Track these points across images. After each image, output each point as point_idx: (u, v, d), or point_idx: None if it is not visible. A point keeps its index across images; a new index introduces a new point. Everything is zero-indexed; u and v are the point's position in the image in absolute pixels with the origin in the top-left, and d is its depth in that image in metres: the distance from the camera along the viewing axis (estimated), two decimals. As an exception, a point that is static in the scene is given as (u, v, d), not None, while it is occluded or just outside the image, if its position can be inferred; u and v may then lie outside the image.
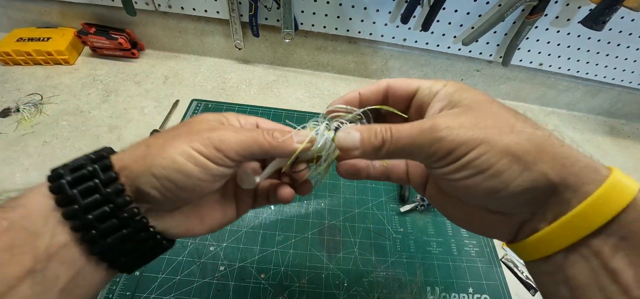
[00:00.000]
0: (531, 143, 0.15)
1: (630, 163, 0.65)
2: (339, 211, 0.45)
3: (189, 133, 0.18)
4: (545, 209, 0.16)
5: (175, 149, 0.17)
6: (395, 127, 0.18)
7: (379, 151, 0.18)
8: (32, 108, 0.51)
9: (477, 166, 0.16)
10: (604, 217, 0.14)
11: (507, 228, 0.18)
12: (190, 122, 0.20)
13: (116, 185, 0.17)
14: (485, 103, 0.17)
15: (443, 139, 0.16)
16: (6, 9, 0.59)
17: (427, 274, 0.41)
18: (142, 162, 0.17)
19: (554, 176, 0.15)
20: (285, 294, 0.37)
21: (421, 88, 0.20)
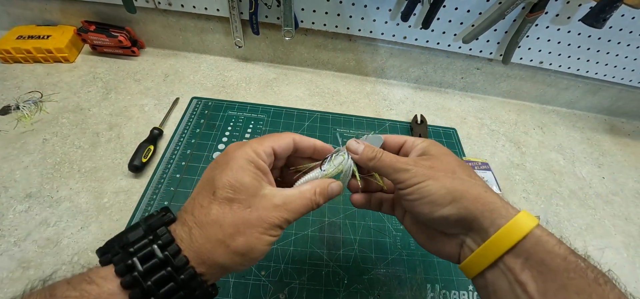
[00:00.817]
0: (462, 186, 0.23)
1: (630, 161, 0.65)
2: (339, 209, 0.45)
3: (261, 221, 0.21)
4: (473, 234, 0.23)
5: (260, 243, 0.21)
6: (385, 152, 0.26)
7: (370, 161, 0.26)
8: (32, 106, 0.51)
9: (422, 193, 0.23)
10: (511, 241, 0.20)
11: (453, 249, 0.24)
12: (249, 202, 0.21)
13: (203, 286, 0.20)
14: (444, 155, 0.25)
15: (407, 171, 0.24)
16: (6, 7, 0.59)
17: (427, 272, 0.41)
18: (229, 260, 0.20)
19: (473, 209, 0.22)
20: (285, 292, 0.37)
21: (407, 141, 0.29)
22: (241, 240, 0.20)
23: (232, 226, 0.20)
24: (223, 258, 0.20)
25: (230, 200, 0.20)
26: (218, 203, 0.20)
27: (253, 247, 0.20)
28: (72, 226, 0.40)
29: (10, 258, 0.37)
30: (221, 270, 0.20)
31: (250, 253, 0.20)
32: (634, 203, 0.57)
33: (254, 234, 0.20)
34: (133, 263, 0.17)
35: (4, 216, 0.40)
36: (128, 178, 0.45)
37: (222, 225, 0.20)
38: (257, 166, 0.22)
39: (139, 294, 0.17)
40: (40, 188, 0.43)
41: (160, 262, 0.18)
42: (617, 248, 0.50)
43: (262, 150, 0.23)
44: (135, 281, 0.17)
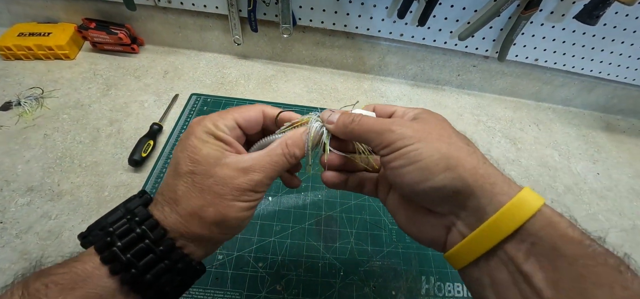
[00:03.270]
0: (458, 153, 0.19)
1: (625, 157, 0.66)
2: (336, 203, 0.46)
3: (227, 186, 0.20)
4: (466, 213, 0.19)
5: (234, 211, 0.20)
6: (365, 115, 0.23)
7: (347, 127, 0.23)
8: (33, 102, 0.51)
9: (411, 158, 0.19)
10: (515, 223, 0.17)
11: (438, 232, 0.21)
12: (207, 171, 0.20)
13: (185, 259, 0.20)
14: (438, 121, 0.22)
15: (393, 132, 0.20)
16: (8, 4, 0.60)
17: (422, 264, 0.42)
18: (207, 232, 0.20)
19: (471, 181, 0.18)
20: (282, 283, 0.38)
21: (397, 110, 0.25)
22: (211, 210, 0.20)
23: (199, 198, 0.20)
24: (200, 229, 0.20)
25: (191, 172, 0.20)
26: (181, 178, 0.20)
27: (226, 215, 0.20)
28: (73, 219, 0.41)
29: (13, 249, 0.37)
30: (204, 243, 0.21)
31: (225, 221, 0.20)
32: (628, 198, 0.58)
33: (224, 202, 0.20)
34: (112, 240, 0.18)
35: (6, 209, 0.40)
36: (128, 173, 0.46)
37: (189, 198, 0.20)
38: (216, 137, 0.21)
39: (119, 267, 0.18)
40: (42, 182, 0.43)
41: (138, 236, 0.18)
42: (611, 243, 0.51)
43: (221, 123, 0.22)
44: (114, 255, 0.18)
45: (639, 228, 0.54)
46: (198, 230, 0.20)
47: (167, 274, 0.19)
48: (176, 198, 0.20)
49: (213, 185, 0.20)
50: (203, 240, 0.20)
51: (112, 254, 0.18)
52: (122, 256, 0.18)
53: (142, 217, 0.19)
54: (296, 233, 0.42)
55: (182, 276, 0.20)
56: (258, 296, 0.37)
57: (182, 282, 0.20)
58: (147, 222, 0.19)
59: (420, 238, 0.23)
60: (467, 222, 0.19)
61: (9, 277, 0.35)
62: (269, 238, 0.41)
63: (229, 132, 0.22)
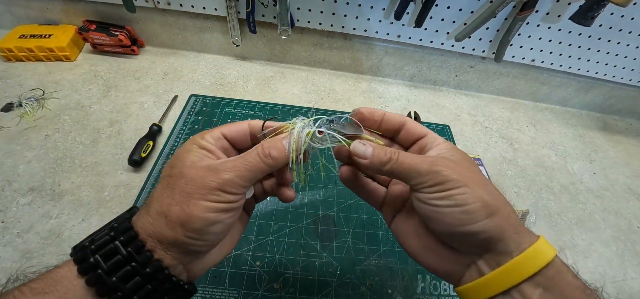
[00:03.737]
0: (496, 202, 0.20)
1: (622, 157, 0.66)
2: (333, 202, 0.47)
3: (196, 186, 0.19)
4: (490, 256, 0.20)
5: (198, 210, 0.19)
6: (402, 152, 0.22)
7: (383, 167, 0.22)
8: (34, 103, 0.52)
9: (458, 201, 0.20)
10: (535, 267, 0.19)
11: (457, 266, 0.22)
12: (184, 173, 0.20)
13: (155, 263, 0.19)
14: (470, 164, 0.22)
15: (439, 173, 0.20)
16: (9, 6, 0.61)
17: (418, 263, 0.42)
18: (173, 234, 0.19)
19: (505, 229, 0.20)
20: (279, 281, 0.39)
21: (428, 136, 0.24)
22: (176, 209, 0.19)
23: (169, 197, 0.20)
24: (166, 231, 0.19)
25: (168, 175, 0.21)
26: (159, 183, 0.21)
27: (190, 214, 0.19)
28: (74, 218, 0.41)
29: (14, 249, 0.38)
30: (174, 248, 0.20)
31: (190, 221, 0.19)
32: (624, 198, 0.58)
33: (189, 201, 0.19)
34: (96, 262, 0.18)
35: (8, 209, 0.41)
36: (128, 173, 0.47)
37: (160, 199, 0.20)
38: (200, 146, 0.21)
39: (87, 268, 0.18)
40: (43, 182, 0.44)
41: (110, 238, 0.18)
42: (607, 242, 0.51)
43: (208, 135, 0.22)
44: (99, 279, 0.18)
45: (635, 228, 0.54)
46: (164, 230, 0.19)
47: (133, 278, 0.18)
48: (151, 201, 0.20)
49: (183, 185, 0.20)
50: (172, 244, 0.20)
51: (83, 256, 0.18)
52: (90, 257, 0.18)
53: (120, 222, 0.19)
54: (294, 232, 0.43)
55: (153, 285, 0.19)
56: (255, 294, 0.37)
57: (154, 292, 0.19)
58: (121, 226, 0.19)
59: (436, 269, 0.23)
60: (489, 263, 0.20)
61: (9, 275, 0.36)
62: (267, 237, 0.42)
63: (213, 142, 0.22)
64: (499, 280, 0.20)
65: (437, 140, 0.24)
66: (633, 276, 0.47)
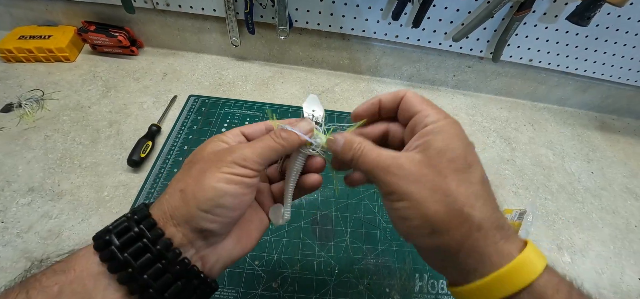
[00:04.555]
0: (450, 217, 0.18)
1: (620, 157, 0.67)
2: (331, 202, 0.47)
3: (212, 163, 0.20)
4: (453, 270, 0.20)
5: (211, 180, 0.19)
6: (368, 146, 0.21)
7: (351, 162, 0.22)
8: (33, 104, 0.52)
9: (402, 214, 0.19)
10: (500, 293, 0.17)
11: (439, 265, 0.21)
12: (204, 156, 0.21)
13: (164, 240, 0.18)
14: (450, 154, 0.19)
15: (389, 183, 0.20)
16: (9, 8, 0.61)
17: (415, 262, 0.43)
18: (186, 207, 0.19)
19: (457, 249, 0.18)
20: (278, 280, 0.39)
21: (419, 115, 0.21)
22: (191, 182, 0.20)
23: (187, 176, 0.20)
24: (179, 204, 0.19)
25: (189, 162, 0.22)
26: (181, 169, 0.22)
27: (203, 184, 0.19)
28: (73, 218, 0.41)
29: (14, 248, 0.38)
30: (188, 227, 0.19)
31: (202, 191, 0.19)
32: (621, 197, 0.59)
33: (203, 173, 0.20)
34: (110, 239, 0.18)
35: (8, 209, 0.41)
36: (127, 173, 0.47)
37: (178, 180, 0.21)
38: (219, 140, 0.23)
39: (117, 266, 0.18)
40: (43, 183, 0.44)
41: (136, 235, 0.18)
42: (604, 241, 0.51)
43: (229, 132, 0.24)
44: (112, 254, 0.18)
45: (632, 227, 0.54)
46: (178, 204, 0.19)
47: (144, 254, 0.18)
48: (171, 184, 0.21)
49: (200, 164, 0.21)
50: (185, 219, 0.19)
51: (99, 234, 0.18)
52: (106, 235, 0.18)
53: (141, 215, 0.19)
54: (292, 231, 0.43)
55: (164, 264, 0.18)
56: (254, 294, 0.37)
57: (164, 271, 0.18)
58: (138, 208, 0.20)
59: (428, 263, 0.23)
60: (455, 277, 0.20)
61: (10, 275, 0.36)
62: (265, 236, 0.42)
63: (232, 138, 0.23)
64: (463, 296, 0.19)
65: (426, 120, 0.21)
66: (630, 275, 0.48)
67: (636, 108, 0.75)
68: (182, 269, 0.19)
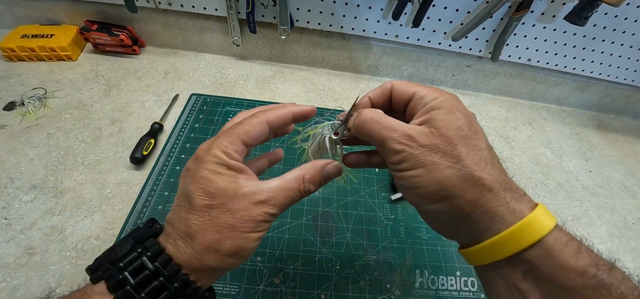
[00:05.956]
0: (461, 183, 0.18)
1: (617, 155, 0.67)
2: (333, 199, 0.47)
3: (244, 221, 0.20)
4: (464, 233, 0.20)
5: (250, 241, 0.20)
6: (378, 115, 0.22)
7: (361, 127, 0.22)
8: (36, 102, 0.53)
9: (414, 183, 0.20)
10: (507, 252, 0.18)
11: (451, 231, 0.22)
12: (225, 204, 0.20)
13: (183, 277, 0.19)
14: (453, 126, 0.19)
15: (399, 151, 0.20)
16: (11, 7, 0.61)
17: (416, 258, 0.43)
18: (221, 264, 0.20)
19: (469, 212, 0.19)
20: (280, 276, 0.39)
21: (414, 97, 0.22)
22: (228, 244, 0.19)
23: (217, 232, 0.19)
24: (215, 262, 0.19)
25: (208, 207, 0.19)
26: (196, 213, 0.19)
27: (242, 247, 0.20)
28: (76, 215, 0.42)
29: (17, 245, 0.38)
30: (215, 273, 0.20)
31: (241, 252, 0.20)
32: (619, 195, 0.59)
33: (240, 235, 0.19)
34: (124, 278, 0.17)
35: (11, 205, 0.41)
36: (129, 170, 0.47)
37: (205, 233, 0.19)
38: (229, 167, 0.20)
39: (116, 285, 0.17)
40: (45, 180, 0.44)
41: (152, 273, 0.18)
42: (602, 238, 0.52)
43: (232, 149, 0.21)
44: (128, 295, 0.17)
45: (630, 224, 0.55)
46: (213, 264, 0.19)
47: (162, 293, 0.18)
48: (190, 232, 0.19)
49: (230, 219, 0.19)
50: (216, 271, 0.20)
51: (126, 294, 0.17)
52: (136, 296, 0.17)
53: (155, 252, 0.19)
54: (293, 228, 0.43)
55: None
56: (256, 289, 0.38)
57: None
58: (160, 258, 0.18)
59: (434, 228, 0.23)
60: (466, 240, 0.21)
61: (13, 271, 0.36)
62: (267, 233, 0.42)
63: (240, 158, 0.21)
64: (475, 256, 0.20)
65: (426, 98, 0.21)
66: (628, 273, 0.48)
67: (634, 108, 0.75)
68: None
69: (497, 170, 0.19)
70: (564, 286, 0.17)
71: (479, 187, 0.18)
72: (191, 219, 0.19)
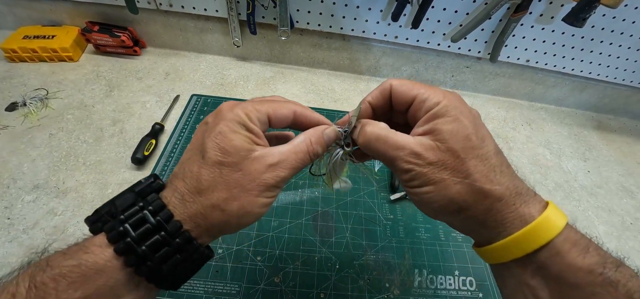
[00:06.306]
0: (471, 197, 0.19)
1: (616, 156, 0.68)
2: (332, 199, 0.48)
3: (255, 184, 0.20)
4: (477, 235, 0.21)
5: (257, 206, 0.20)
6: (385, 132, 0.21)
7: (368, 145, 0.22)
8: (38, 103, 0.53)
9: (427, 199, 0.20)
10: (515, 253, 0.19)
11: None
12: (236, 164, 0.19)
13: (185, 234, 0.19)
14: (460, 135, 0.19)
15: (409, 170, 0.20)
16: (13, 8, 0.62)
17: (415, 258, 0.43)
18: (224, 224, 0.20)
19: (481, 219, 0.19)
20: (280, 275, 0.40)
21: (416, 101, 0.21)
22: (235, 204, 0.19)
23: (225, 190, 0.19)
24: (218, 220, 0.19)
25: (220, 163, 0.19)
26: (208, 167, 0.19)
27: (248, 211, 0.20)
28: (78, 215, 0.42)
29: (20, 244, 0.39)
30: (216, 232, 0.20)
31: (246, 216, 0.20)
32: (617, 195, 0.60)
33: (248, 198, 0.19)
34: (125, 230, 0.17)
35: (13, 205, 0.42)
36: (131, 171, 0.47)
37: (214, 190, 0.19)
38: (248, 129, 0.20)
39: (134, 260, 0.17)
40: (47, 180, 0.45)
41: (153, 227, 0.18)
42: (600, 238, 0.52)
43: (255, 115, 0.21)
44: (129, 247, 0.17)
45: (628, 224, 0.55)
46: (217, 222, 0.19)
47: (182, 264, 0.19)
48: (200, 188, 0.19)
49: (240, 179, 0.19)
50: (218, 230, 0.20)
51: (127, 246, 0.17)
52: (137, 248, 0.17)
53: (157, 207, 0.18)
54: (293, 228, 0.44)
55: (194, 265, 0.20)
56: (256, 288, 0.38)
57: (193, 269, 0.20)
58: (162, 213, 0.18)
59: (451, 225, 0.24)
60: (479, 240, 0.22)
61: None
62: (268, 232, 0.43)
63: (260, 126, 0.21)
64: (488, 255, 0.21)
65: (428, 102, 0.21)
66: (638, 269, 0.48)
67: (632, 108, 0.76)
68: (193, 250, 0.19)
69: (507, 176, 0.20)
70: (571, 284, 0.17)
71: (489, 198, 0.19)
72: (202, 174, 0.19)
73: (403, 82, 0.22)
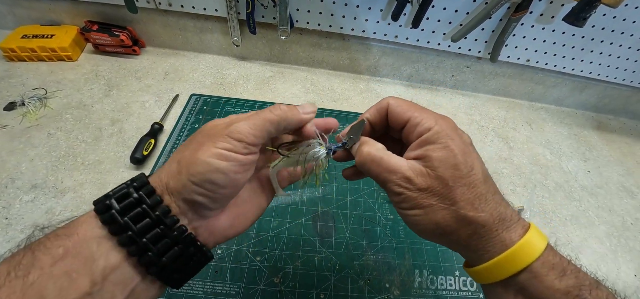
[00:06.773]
0: (456, 224, 0.20)
1: (616, 156, 0.67)
2: (332, 199, 0.47)
3: (209, 137, 0.20)
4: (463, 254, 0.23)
5: (204, 154, 0.19)
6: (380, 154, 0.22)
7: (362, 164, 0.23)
8: (36, 102, 0.53)
9: (414, 221, 0.21)
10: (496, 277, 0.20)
11: None
12: (204, 130, 0.22)
13: (163, 206, 0.19)
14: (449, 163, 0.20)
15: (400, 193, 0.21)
16: (12, 7, 0.61)
17: (415, 258, 0.43)
18: (179, 177, 0.20)
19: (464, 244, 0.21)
20: (279, 276, 0.39)
21: (409, 123, 0.22)
22: (187, 153, 0.20)
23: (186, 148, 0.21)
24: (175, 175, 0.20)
25: (192, 137, 0.22)
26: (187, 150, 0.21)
27: (196, 158, 0.19)
28: (77, 215, 0.42)
29: (18, 245, 0.38)
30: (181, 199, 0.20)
31: (194, 163, 0.19)
32: (617, 195, 0.60)
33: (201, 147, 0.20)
34: (110, 204, 0.18)
35: (11, 205, 0.42)
36: (130, 170, 0.47)
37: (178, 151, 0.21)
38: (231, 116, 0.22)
39: (117, 229, 0.18)
40: (46, 180, 0.44)
41: (135, 201, 0.19)
42: (600, 238, 0.52)
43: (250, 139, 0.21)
44: (112, 217, 0.18)
45: (628, 224, 0.55)
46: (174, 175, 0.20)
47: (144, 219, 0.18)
48: (172, 155, 0.21)
49: (199, 137, 0.21)
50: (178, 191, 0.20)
51: (111, 217, 0.18)
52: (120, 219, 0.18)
53: (140, 183, 0.19)
54: (293, 228, 0.44)
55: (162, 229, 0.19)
56: (256, 289, 0.38)
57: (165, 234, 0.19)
58: (144, 188, 0.19)
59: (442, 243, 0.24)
60: (466, 259, 0.23)
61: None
62: (267, 233, 0.43)
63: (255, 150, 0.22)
64: (474, 277, 0.22)
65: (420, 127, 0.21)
66: (626, 272, 0.48)
67: (632, 108, 0.76)
68: (180, 236, 0.19)
69: (491, 203, 0.20)
70: None
71: (472, 225, 0.20)
72: (178, 148, 0.22)
73: (399, 103, 0.23)
